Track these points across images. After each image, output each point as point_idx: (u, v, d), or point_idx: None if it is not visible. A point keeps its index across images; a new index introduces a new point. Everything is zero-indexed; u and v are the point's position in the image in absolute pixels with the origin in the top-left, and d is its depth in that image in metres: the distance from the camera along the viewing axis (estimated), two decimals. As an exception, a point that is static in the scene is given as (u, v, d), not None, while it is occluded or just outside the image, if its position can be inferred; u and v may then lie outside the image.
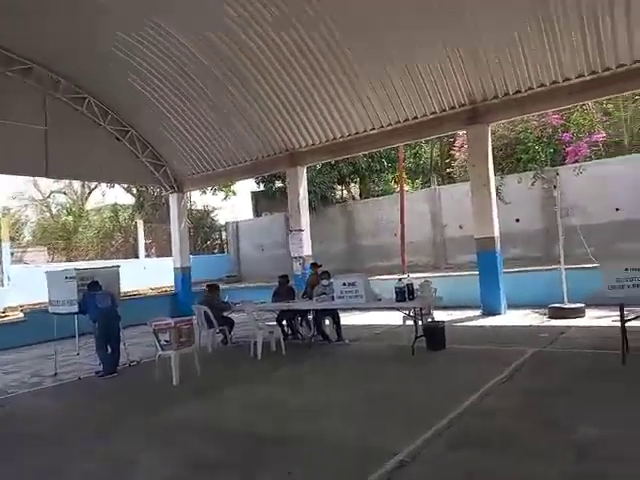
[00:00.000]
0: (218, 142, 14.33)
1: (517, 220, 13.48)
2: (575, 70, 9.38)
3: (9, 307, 13.86)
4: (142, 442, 4.50)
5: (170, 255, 22.11)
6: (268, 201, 21.07)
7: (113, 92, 14.04)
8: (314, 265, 10.02)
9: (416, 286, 7.25)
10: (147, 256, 20.90)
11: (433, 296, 7.46)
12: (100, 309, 7.49)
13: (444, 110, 10.98)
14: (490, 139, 10.66)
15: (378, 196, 18.63)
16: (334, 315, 8.69)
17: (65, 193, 30.70)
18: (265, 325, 8.24)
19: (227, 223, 21.91)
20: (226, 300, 9.32)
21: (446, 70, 10.24)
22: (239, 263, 20.88)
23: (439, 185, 16.59)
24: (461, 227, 14.50)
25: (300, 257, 13.34)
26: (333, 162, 16.70)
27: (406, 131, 11.69)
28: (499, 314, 9.81)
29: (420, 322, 7.31)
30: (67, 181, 30.06)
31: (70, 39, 11.66)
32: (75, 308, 7.54)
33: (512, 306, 10.03)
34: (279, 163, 13.97)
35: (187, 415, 5.24)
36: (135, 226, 22.20)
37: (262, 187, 21.48)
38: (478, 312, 10.08)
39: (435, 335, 7.01)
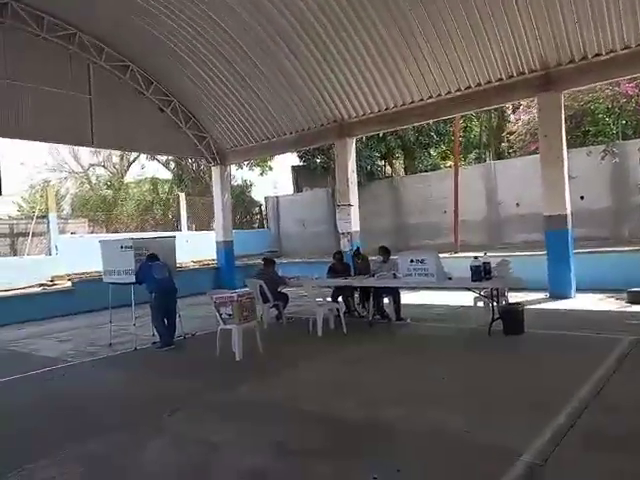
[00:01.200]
0: (263, 113, 13.83)
1: (582, 197, 12.59)
2: (668, 29, 8.43)
3: (57, 276, 13.95)
4: (220, 423, 4.19)
5: (209, 229, 22.11)
6: (309, 176, 20.58)
7: (156, 60, 13.66)
8: (357, 254, 9.38)
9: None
10: (188, 229, 20.80)
11: (511, 276, 6.89)
12: (157, 280, 7.23)
13: (512, 76, 10.13)
14: (563, 108, 9.82)
15: (424, 172, 17.87)
16: (394, 294, 8.23)
17: (104, 166, 30.93)
18: (326, 301, 7.84)
19: (267, 198, 21.57)
20: (281, 275, 8.95)
21: (516, 31, 9.36)
22: (280, 239, 20.58)
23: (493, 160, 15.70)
24: (518, 205, 13.71)
25: (348, 233, 12.87)
26: (381, 135, 15.99)
27: (468, 100, 10.88)
28: (569, 298, 9.14)
29: (495, 304, 6.76)
30: (106, 154, 30.34)
31: (113, 4, 11.30)
32: (132, 278, 7.29)
33: (580, 290, 9.35)
34: (327, 135, 13.39)
35: (261, 393, 4.92)
36: (175, 199, 22.12)
37: (302, 162, 20.96)
38: (544, 295, 9.43)
39: (514, 318, 6.46)
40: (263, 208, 22.47)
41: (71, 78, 12.58)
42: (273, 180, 25.31)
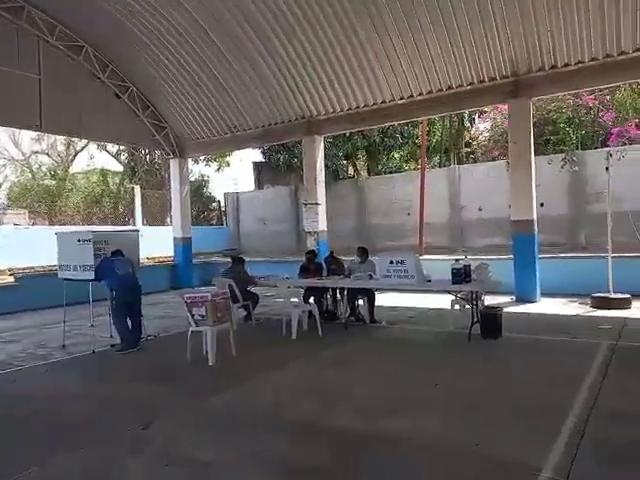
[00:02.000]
0: (228, 105, 13.31)
1: (542, 204, 12.95)
2: (634, 44, 8.75)
3: (-3, 271, 12.79)
4: (203, 437, 3.79)
5: (162, 224, 21.17)
6: (271, 173, 20.14)
7: (112, 42, 12.82)
8: (332, 255, 9.13)
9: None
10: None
11: (490, 280, 6.87)
12: (120, 276, 6.66)
13: (482, 81, 10.24)
14: (532, 115, 10.01)
15: (387, 174, 17.91)
16: (369, 295, 8.05)
17: (48, 154, 29.02)
18: (300, 302, 7.53)
19: (226, 194, 20.90)
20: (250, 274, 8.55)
21: (490, 35, 9.45)
22: (239, 236, 19.98)
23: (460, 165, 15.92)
24: (480, 209, 13.96)
25: (315, 232, 12.61)
26: (347, 134, 15.83)
27: (439, 102, 10.92)
28: (534, 302, 9.32)
29: (470, 307, 6.71)
30: (51, 141, 28.50)
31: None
32: (90, 274, 6.67)
33: (543, 294, 9.57)
34: (294, 131, 13.07)
35: (241, 402, 4.54)
36: (128, 192, 21.02)
37: (265, 159, 20.49)
38: (509, 298, 9.56)
39: (493, 322, 6.43)
40: (222, 204, 21.78)
41: (18, 56, 11.56)
42: (232, 176, 24.63)
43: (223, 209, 21.37)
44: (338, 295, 8.50)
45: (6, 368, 6.08)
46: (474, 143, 15.61)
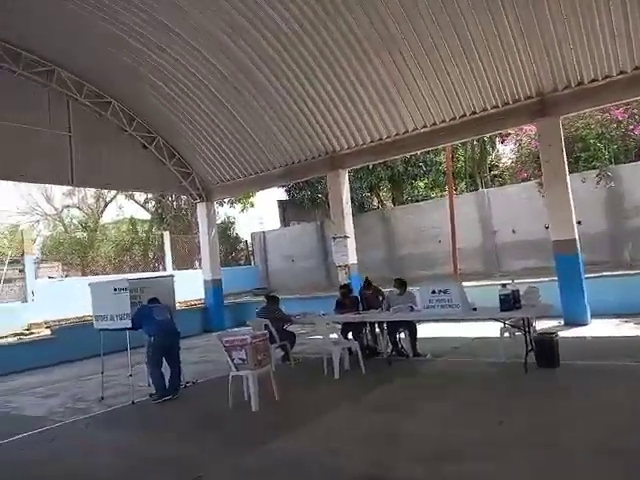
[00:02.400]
0: (250, 146, 13.48)
1: (579, 222, 12.52)
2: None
3: (34, 323, 12.92)
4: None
5: (191, 267, 21.30)
6: (296, 210, 20.21)
7: (138, 97, 13.29)
8: (367, 282, 8.89)
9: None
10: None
11: (541, 304, 6.50)
12: (159, 322, 6.56)
13: (507, 103, 10.11)
14: (562, 133, 9.77)
15: (412, 202, 17.72)
16: (411, 327, 7.73)
17: (79, 207, 29.93)
18: (340, 339, 7.26)
19: (253, 234, 21.01)
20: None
21: (511, 56, 9.35)
22: (267, 275, 19.93)
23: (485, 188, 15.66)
24: (514, 231, 13.57)
25: (345, 265, 12.43)
26: (371, 166, 15.84)
27: (462, 128, 10.79)
28: (585, 324, 8.82)
29: (521, 333, 6.33)
30: (81, 196, 29.46)
31: (92, 39, 10.94)
32: (128, 323, 6.58)
33: (593, 316, 9.05)
34: (318, 167, 13.11)
35: (294, 451, 4.27)
36: (157, 239, 21.32)
37: (289, 196, 20.63)
38: (557, 322, 9.07)
39: (549, 349, 6.03)
40: (249, 244, 21.88)
41: (50, 115, 12.05)
42: (258, 215, 24.84)
43: (250, 249, 21.44)
44: (377, 329, 8.21)
45: (46, 425, 5.94)
46: (499, 166, 15.35)
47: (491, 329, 8.05)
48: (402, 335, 7.79)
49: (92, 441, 5.30)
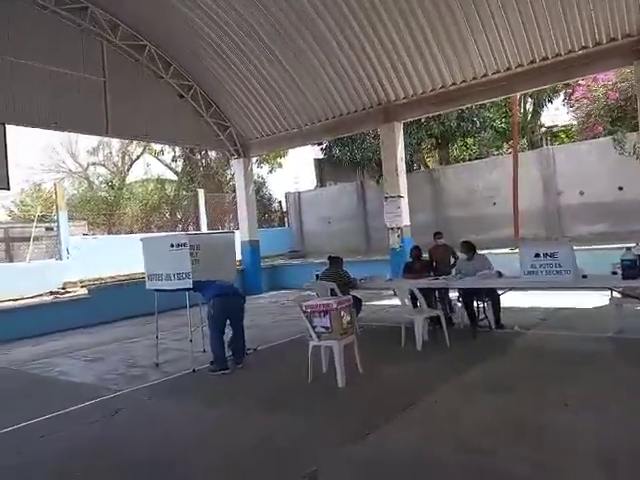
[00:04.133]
0: (296, 96, 12.39)
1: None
2: None
3: (69, 282, 12.41)
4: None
5: (222, 228, 20.63)
6: (333, 170, 19.17)
7: (175, 39, 12.21)
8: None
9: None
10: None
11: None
12: (219, 285, 5.82)
13: (599, 43, 8.85)
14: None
15: (461, 162, 16.51)
16: (494, 296, 6.87)
17: (104, 165, 29.29)
18: (425, 307, 6.44)
19: (287, 194, 20.12)
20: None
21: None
22: (302, 237, 19.14)
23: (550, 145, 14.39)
24: (582, 193, 12.41)
25: (398, 228, 11.53)
26: (423, 120, 14.62)
27: (543, 73, 9.57)
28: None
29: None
30: (106, 152, 28.76)
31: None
32: (187, 283, 5.84)
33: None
34: (369, 119, 12.02)
35: (410, 440, 3.51)
36: (185, 198, 20.61)
37: (324, 155, 19.54)
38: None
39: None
40: (283, 205, 21.02)
41: (84, 59, 11.12)
42: (293, 174, 23.79)
43: (285, 210, 20.60)
44: (453, 297, 7.37)
45: (103, 394, 5.29)
46: (556, 124, 14.05)
47: (570, 299, 7.23)
48: (483, 304, 6.94)
49: (164, 415, 4.62)
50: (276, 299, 12.46)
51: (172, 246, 5.98)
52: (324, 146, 18.61)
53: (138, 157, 27.48)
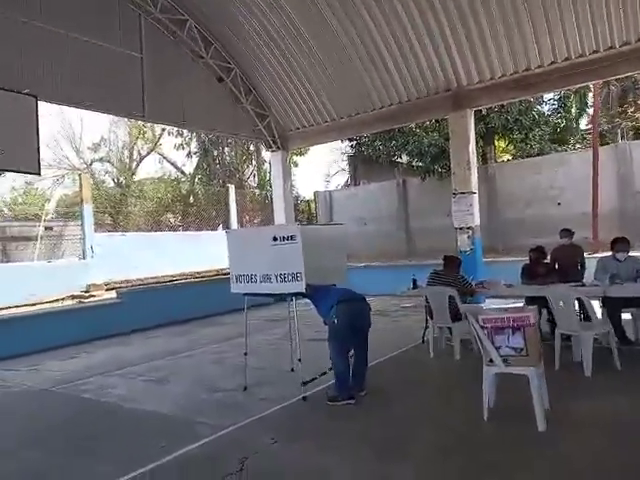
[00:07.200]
0: (353, 79, 11.15)
1: None
2: None
3: (93, 284, 11.03)
4: None
5: (241, 225, 19.31)
6: (367, 167, 17.95)
7: (218, 16, 11.02)
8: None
9: None
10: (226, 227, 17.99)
11: None
12: (343, 289, 4.55)
13: None
14: None
15: (523, 158, 15.27)
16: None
17: (110, 161, 27.82)
18: (597, 320, 5.19)
19: (317, 193, 18.86)
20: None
21: None
22: (334, 239, 17.85)
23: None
24: (666, 193, 11.31)
25: (468, 228, 10.32)
26: (484, 112, 13.41)
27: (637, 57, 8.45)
28: None
29: None
30: (112, 149, 27.34)
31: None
32: (298, 286, 4.54)
33: None
34: (435, 107, 10.81)
35: None
36: (218, 195, 19.23)
37: (355, 152, 18.34)
38: None
39: None
40: (311, 204, 19.76)
41: (121, 31, 9.84)
42: (324, 173, 22.50)
43: (314, 209, 19.34)
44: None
45: (203, 433, 3.93)
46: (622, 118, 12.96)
47: None
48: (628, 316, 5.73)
49: (314, 471, 3.29)
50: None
51: (275, 239, 4.68)
52: (355, 143, 17.39)
53: (149, 152, 26.09)
